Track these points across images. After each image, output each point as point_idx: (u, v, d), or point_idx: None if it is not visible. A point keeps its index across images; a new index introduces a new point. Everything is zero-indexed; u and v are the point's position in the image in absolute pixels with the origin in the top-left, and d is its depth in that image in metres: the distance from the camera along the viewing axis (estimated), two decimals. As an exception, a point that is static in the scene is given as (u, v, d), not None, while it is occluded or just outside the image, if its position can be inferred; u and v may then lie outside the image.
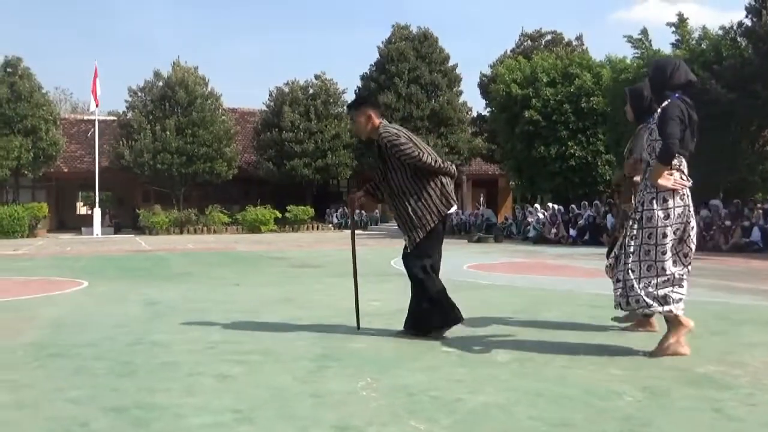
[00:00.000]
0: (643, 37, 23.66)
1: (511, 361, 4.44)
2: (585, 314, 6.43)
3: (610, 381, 3.89)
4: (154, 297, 8.07)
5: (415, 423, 3.18)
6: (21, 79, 31.65)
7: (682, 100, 4.55)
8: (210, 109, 34.16)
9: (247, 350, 4.88)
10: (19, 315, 6.77)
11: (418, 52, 36.93)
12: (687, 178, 4.55)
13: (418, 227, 5.20)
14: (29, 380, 4.09)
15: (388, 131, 5.23)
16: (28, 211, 30.78)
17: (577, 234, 21.03)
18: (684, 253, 4.52)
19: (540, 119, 26.36)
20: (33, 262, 14.92)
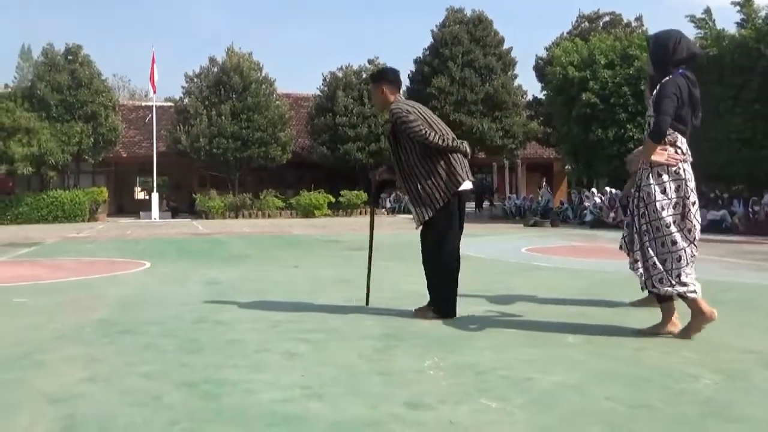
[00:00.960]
0: (706, 17, 22.97)
1: (582, 341, 4.37)
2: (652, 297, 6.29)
3: (685, 363, 3.79)
4: (216, 277, 8.17)
5: (487, 401, 3.15)
6: (81, 66, 32.24)
7: (684, 77, 4.48)
8: (264, 94, 34.35)
9: (311, 329, 4.89)
10: (88, 294, 6.92)
11: (472, 36, 36.56)
12: (684, 153, 4.46)
13: (426, 205, 5.17)
14: (101, 355, 4.17)
15: (399, 108, 5.18)
16: (88, 195, 31.52)
17: (636, 218, 20.64)
18: (688, 229, 4.43)
19: (597, 102, 25.86)
20: (95, 245, 15.25)
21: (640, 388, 3.34)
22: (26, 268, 10.01)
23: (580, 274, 8.27)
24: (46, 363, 4.00)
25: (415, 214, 5.28)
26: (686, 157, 4.47)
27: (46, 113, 30.72)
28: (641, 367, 3.71)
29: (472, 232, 19.03)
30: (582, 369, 3.69)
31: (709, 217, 18.88)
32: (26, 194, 31.14)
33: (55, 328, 5.03)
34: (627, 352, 4.07)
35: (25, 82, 32.33)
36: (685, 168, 4.44)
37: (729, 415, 2.95)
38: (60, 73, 31.45)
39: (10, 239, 17.50)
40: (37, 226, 26.39)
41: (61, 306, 6.13)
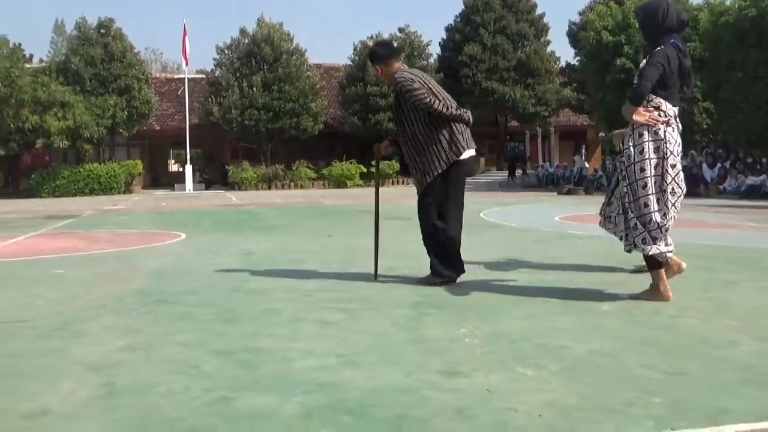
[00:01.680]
0: (746, -24, 22.40)
1: (617, 309, 4.32)
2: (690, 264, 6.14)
3: (724, 330, 3.74)
4: (250, 248, 8.23)
5: (522, 369, 3.13)
6: (114, 40, 32.46)
7: (675, 47, 4.52)
8: (295, 65, 34.33)
9: (345, 298, 4.90)
10: (125, 265, 7.02)
11: (504, 2, 36.14)
12: (667, 117, 4.48)
13: (426, 172, 5.20)
14: (139, 325, 4.23)
15: (404, 77, 5.20)
16: (123, 168, 31.91)
17: (673, 185, 20.38)
18: (663, 189, 4.45)
19: (633, 67, 25.37)
20: (131, 217, 15.44)
21: (677, 355, 3.30)
22: (64, 240, 10.16)
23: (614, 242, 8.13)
24: (86, 332, 4.06)
25: (416, 181, 5.35)
26: (669, 120, 4.50)
27: (81, 87, 31.06)
28: (678, 335, 3.67)
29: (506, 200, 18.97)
30: (617, 336, 3.66)
31: (748, 182, 18.57)
32: (63, 167, 31.63)
33: (94, 299, 5.10)
34: (663, 320, 4.03)
35: (59, 57, 32.69)
36: (667, 131, 4.47)
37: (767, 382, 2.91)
38: (93, 47, 31.73)
39: (48, 212, 17.78)
40: (73, 199, 26.80)
41: (99, 277, 6.22)
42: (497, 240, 8.77)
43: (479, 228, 10.17)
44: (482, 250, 7.42)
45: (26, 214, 17.49)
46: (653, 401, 2.69)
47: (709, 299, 4.60)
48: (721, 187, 19.34)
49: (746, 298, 4.62)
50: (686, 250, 7.24)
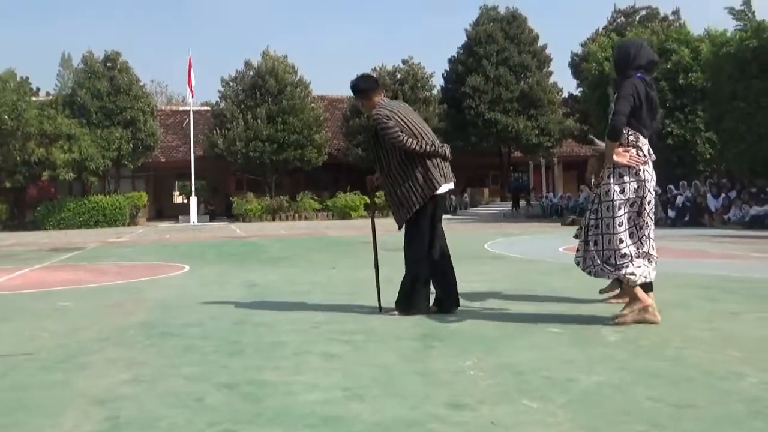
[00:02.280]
0: (745, 8, 22.57)
1: (623, 341, 4.29)
2: (694, 295, 6.18)
3: (730, 362, 3.70)
4: (254, 280, 8.22)
5: (528, 402, 3.11)
6: (120, 73, 32.78)
7: (642, 80, 4.69)
8: (299, 97, 34.56)
9: (350, 330, 4.89)
10: (129, 297, 7.00)
11: (506, 34, 36.46)
12: (645, 155, 4.65)
13: (404, 208, 5.25)
14: (144, 358, 4.21)
15: (379, 113, 5.24)
16: (128, 200, 32.02)
17: (677, 215, 20.35)
18: (640, 226, 4.69)
19: (635, 98, 25.60)
20: (136, 249, 15.45)
21: (684, 387, 3.27)
22: (69, 272, 10.17)
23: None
24: (90, 365, 4.05)
25: (395, 215, 5.40)
26: (647, 158, 4.67)
27: (87, 119, 31.30)
28: (685, 366, 3.64)
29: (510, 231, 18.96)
30: (624, 368, 3.63)
31: (752, 212, 18.53)
32: (68, 199, 31.74)
33: (98, 331, 5.08)
34: (670, 351, 4.00)
35: (65, 90, 32.98)
36: (646, 169, 4.64)
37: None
38: (99, 80, 32.01)
39: (54, 244, 17.82)
40: (78, 231, 26.86)
41: (104, 309, 6.20)
42: (501, 271, 8.75)
43: (483, 259, 10.16)
44: (486, 281, 7.41)
45: (31, 246, 17.51)
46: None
47: (713, 330, 4.57)
48: (726, 217, 19.30)
49: (751, 329, 4.59)
50: (690, 281, 7.25)
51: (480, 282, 7.28)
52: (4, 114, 28.85)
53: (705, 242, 13.13)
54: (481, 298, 6.14)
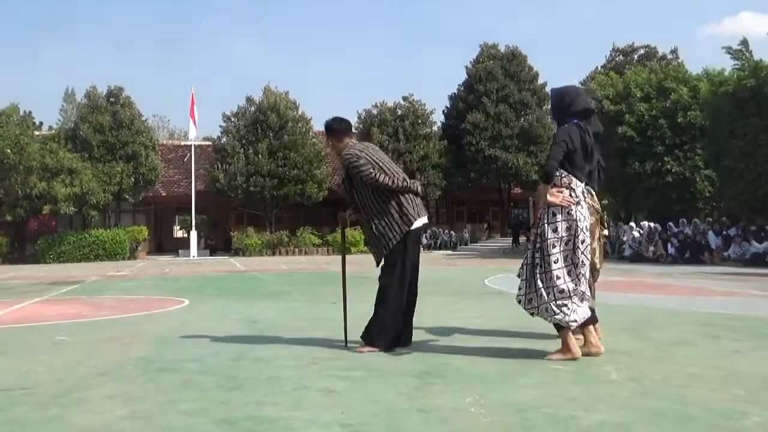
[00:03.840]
0: (743, 48, 22.80)
1: (626, 379, 4.25)
2: (696, 332, 6.14)
3: (733, 401, 3.67)
4: (254, 315, 8.18)
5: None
6: (122, 108, 32.98)
7: (577, 126, 4.89)
8: (301, 132, 34.73)
9: (349, 366, 4.85)
10: (128, 331, 6.96)
11: (506, 71, 36.77)
12: (578, 197, 4.81)
13: (381, 245, 5.32)
14: (141, 393, 4.17)
15: (350, 153, 5.36)
16: (129, 234, 32.03)
17: (677, 251, 20.33)
18: (575, 264, 4.80)
19: (634, 135, 25.73)
20: (136, 283, 15.41)
21: (687, 426, 3.23)
22: (68, 306, 10.13)
23: (621, 310, 8.11)
24: (87, 400, 4.01)
25: (373, 251, 5.46)
26: (580, 200, 4.82)
27: (89, 154, 31.43)
28: (687, 405, 3.60)
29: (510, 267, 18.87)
30: (627, 407, 3.59)
31: (752, 249, 18.52)
32: (68, 233, 31.73)
33: (96, 366, 5.05)
34: (672, 390, 3.96)
35: (68, 124, 33.18)
36: (579, 210, 4.79)
37: (782, 454, 2.86)
38: (102, 115, 32.22)
39: (53, 278, 17.77)
40: (78, 265, 26.81)
41: (102, 343, 6.16)
42: (502, 307, 8.68)
43: (484, 295, 10.11)
44: (487, 317, 7.38)
45: (31, 279, 17.46)
46: (665, 474, 2.64)
47: (716, 368, 4.52)
48: (726, 254, 19.29)
49: (754, 367, 4.55)
50: (692, 318, 7.22)
51: (481, 318, 7.25)
52: (7, 148, 28.98)
53: (706, 279, 13.10)
54: (481, 335, 6.12)
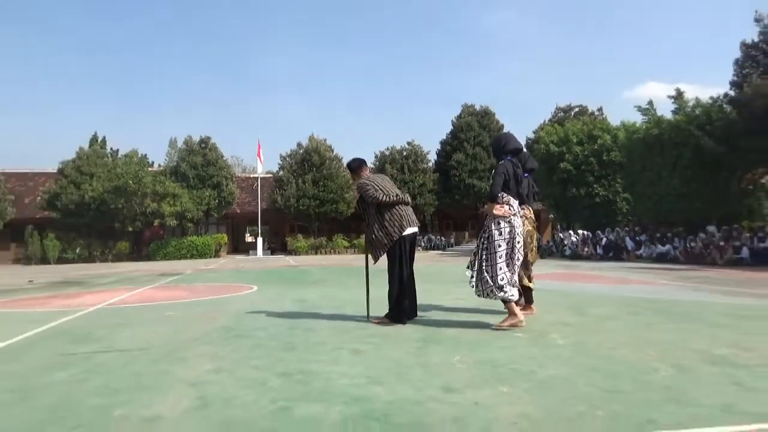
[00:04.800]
0: (650, 107, 22.65)
1: (570, 344, 4.20)
2: (621, 310, 6.07)
3: (648, 360, 3.63)
4: (303, 297, 8.16)
5: (501, 388, 3.05)
6: (210, 151, 33.16)
7: (510, 162, 4.96)
8: (335, 168, 34.68)
9: (370, 334, 4.83)
10: (214, 308, 6.97)
11: (480, 123, 36.71)
12: (514, 210, 4.87)
13: (378, 247, 5.33)
14: (223, 353, 4.18)
15: (361, 182, 5.45)
16: (214, 239, 32.09)
17: (603, 252, 20.14)
18: (512, 258, 4.82)
19: (572, 169, 25.55)
20: (219, 274, 15.43)
21: (615, 378, 3.20)
22: (172, 291, 10.16)
23: (564, 294, 8.05)
24: (186, 358, 4.02)
25: (373, 252, 5.45)
26: (515, 211, 4.88)
27: (186, 183, 31.62)
28: (615, 363, 3.56)
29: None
30: (570, 364, 3.55)
31: (658, 250, 18.32)
32: (172, 239, 31.84)
33: (192, 334, 5.07)
34: (603, 351, 3.91)
35: (172, 163, 33.38)
36: (515, 219, 4.85)
37: (683, 399, 2.81)
38: (195, 156, 32.45)
39: (162, 271, 17.84)
40: (179, 262, 26.89)
41: (196, 317, 6.18)
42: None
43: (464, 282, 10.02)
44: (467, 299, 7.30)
45: (146, 272, 17.55)
46: (597, 414, 2.60)
47: (635, 336, 4.47)
48: (638, 254, 19.07)
49: (663, 335, 4.50)
50: (616, 300, 7.14)
51: (463, 299, 7.19)
52: (129, 179, 29.21)
53: (625, 272, 12.96)
54: (464, 312, 6.08)
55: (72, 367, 3.79)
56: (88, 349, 4.43)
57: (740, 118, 17.71)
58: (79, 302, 8.20)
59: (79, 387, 3.29)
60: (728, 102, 18.76)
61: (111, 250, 30.92)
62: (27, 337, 5.07)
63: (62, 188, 30.13)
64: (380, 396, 2.94)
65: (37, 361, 4.02)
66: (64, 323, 5.94)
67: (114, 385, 3.30)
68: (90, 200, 29.42)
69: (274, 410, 2.76)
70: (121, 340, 4.78)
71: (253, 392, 3.08)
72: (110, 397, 3.05)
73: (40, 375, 3.62)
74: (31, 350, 4.45)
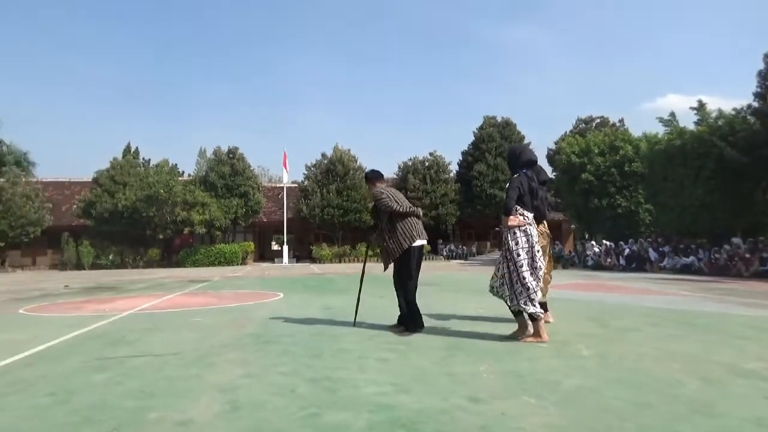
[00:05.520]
0: (672, 118, 22.30)
1: (593, 355, 4.13)
2: (643, 321, 5.95)
3: (673, 373, 3.54)
4: (328, 304, 8.18)
5: (527, 398, 3.01)
6: (237, 161, 33.54)
7: (525, 175, 4.90)
8: (358, 178, 34.81)
9: (396, 341, 4.82)
10: (242, 315, 7.01)
11: (502, 134, 36.52)
12: (527, 219, 4.78)
13: (389, 256, 5.38)
14: (252, 358, 4.20)
15: (377, 191, 5.51)
16: (241, 247, 32.41)
17: (626, 262, 19.79)
18: (534, 267, 4.74)
19: (593, 180, 25.24)
20: (246, 281, 15.55)
21: (640, 391, 3.12)
22: (201, 297, 10.25)
23: (587, 304, 7.92)
24: (216, 363, 4.04)
25: (384, 259, 5.53)
26: (529, 221, 4.79)
27: (214, 192, 32.01)
28: (640, 375, 3.48)
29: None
30: (595, 375, 3.49)
31: (682, 262, 17.95)
32: (201, 247, 32.26)
33: (221, 339, 5.10)
34: (627, 363, 3.83)
35: (201, 172, 33.84)
36: (530, 229, 4.77)
37: (710, 412, 2.74)
38: (224, 166, 32.85)
39: (191, 277, 18.05)
40: (207, 269, 27.18)
41: (224, 324, 6.22)
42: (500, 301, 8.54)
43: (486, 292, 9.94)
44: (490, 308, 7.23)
45: (176, 278, 17.77)
46: (626, 426, 2.54)
47: (659, 348, 4.37)
48: (661, 265, 18.70)
49: (687, 348, 4.39)
50: (639, 311, 6.99)
51: (486, 310, 7.12)
52: (160, 189, 29.70)
53: (648, 283, 12.71)
54: (488, 321, 6.02)
55: (108, 371, 3.85)
56: (122, 352, 4.50)
57: (764, 128, 17.35)
58: (112, 307, 8.34)
59: (114, 390, 3.34)
60: (752, 113, 18.39)
61: (142, 256, 31.41)
62: (65, 341, 5.17)
63: (97, 197, 30.77)
64: (406, 404, 2.93)
65: (75, 364, 4.09)
66: (98, 327, 6.04)
67: (148, 389, 3.34)
68: (123, 208, 29.97)
69: (303, 416, 2.77)
70: (154, 345, 4.84)
71: (283, 398, 3.08)
72: (145, 400, 3.09)
73: (78, 377, 3.69)
74: (70, 353, 4.53)
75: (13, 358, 4.40)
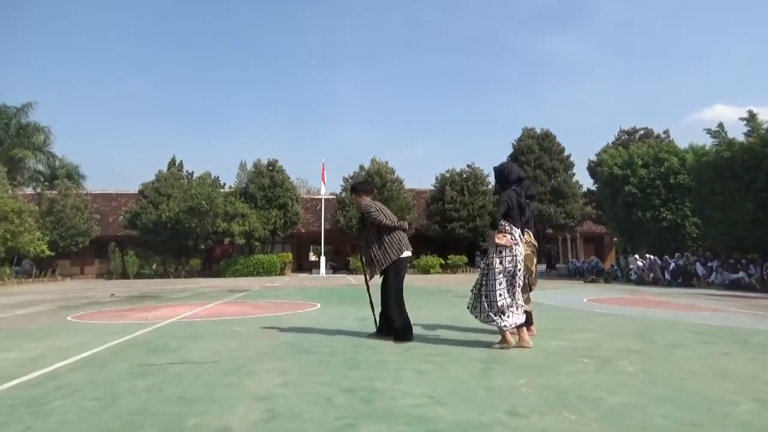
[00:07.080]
0: (720, 129, 21.59)
1: (638, 371, 3.99)
2: (691, 338, 5.72)
3: (726, 392, 3.39)
4: (364, 315, 8.15)
5: (568, 414, 2.93)
6: (277, 173, 34.03)
7: (514, 191, 5.02)
8: (396, 189, 34.82)
9: (433, 353, 4.77)
10: (279, 324, 7.06)
11: (541, 146, 36.01)
12: (516, 239, 4.87)
13: (376, 266, 5.50)
14: (290, 368, 4.22)
15: (366, 205, 5.62)
16: (279, 258, 32.76)
17: (672, 277, 19.15)
18: (513, 285, 4.85)
19: (637, 192, 24.59)
20: (284, 291, 15.71)
21: (689, 410, 3.00)
22: (240, 306, 10.40)
23: (630, 319, 7.68)
24: (254, 372, 4.09)
25: (369, 270, 5.68)
26: (517, 241, 4.89)
27: (254, 204, 32.52)
28: (688, 393, 3.35)
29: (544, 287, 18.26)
30: (640, 392, 3.37)
31: (731, 277, 17.26)
32: (240, 257, 32.77)
33: (259, 348, 5.15)
34: (675, 381, 3.69)
35: (241, 184, 34.52)
36: (517, 248, 4.87)
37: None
38: (263, 178, 33.37)
39: (230, 287, 18.35)
40: (246, 278, 27.58)
41: (263, 333, 6.29)
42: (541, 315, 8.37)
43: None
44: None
45: (216, 288, 18.10)
46: (674, 445, 2.44)
47: (709, 366, 4.19)
48: (709, 280, 18.02)
49: (740, 367, 4.19)
50: (686, 327, 6.74)
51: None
52: (202, 200, 30.39)
53: (696, 299, 12.26)
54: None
55: (150, 377, 3.94)
56: (164, 360, 4.59)
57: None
58: (154, 315, 8.54)
59: (156, 396, 3.41)
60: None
61: (184, 266, 32.13)
62: (110, 347, 5.32)
63: (142, 208, 31.70)
64: (443, 417, 2.89)
65: (119, 370, 4.20)
66: (142, 335, 6.19)
67: (188, 396, 3.39)
68: (166, 219, 30.76)
69: (339, 426, 2.76)
70: (194, 353, 4.92)
71: (320, 408, 3.09)
72: (185, 407, 3.14)
73: (122, 383, 3.78)
74: (114, 359, 4.66)
75: (61, 363, 4.55)
